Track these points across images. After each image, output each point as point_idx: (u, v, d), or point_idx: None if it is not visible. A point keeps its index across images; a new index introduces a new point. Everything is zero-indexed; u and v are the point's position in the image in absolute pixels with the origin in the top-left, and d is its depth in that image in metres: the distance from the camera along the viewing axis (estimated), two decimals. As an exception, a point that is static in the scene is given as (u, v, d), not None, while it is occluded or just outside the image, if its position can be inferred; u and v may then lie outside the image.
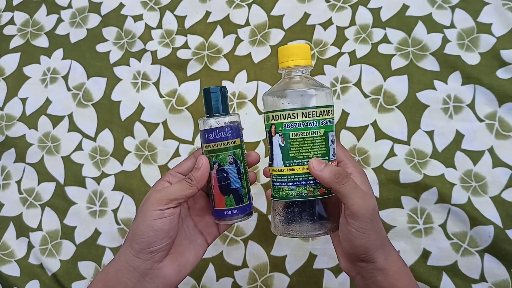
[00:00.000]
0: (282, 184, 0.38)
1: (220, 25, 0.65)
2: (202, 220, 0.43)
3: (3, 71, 0.68)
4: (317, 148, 0.37)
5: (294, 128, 0.37)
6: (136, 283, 0.37)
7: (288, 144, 0.37)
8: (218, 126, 0.39)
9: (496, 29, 0.58)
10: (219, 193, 0.40)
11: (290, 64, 0.39)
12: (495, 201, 0.54)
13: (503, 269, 0.52)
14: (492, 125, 0.56)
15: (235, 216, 0.40)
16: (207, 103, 0.40)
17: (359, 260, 0.37)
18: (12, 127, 0.66)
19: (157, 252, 0.37)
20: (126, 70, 0.65)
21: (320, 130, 0.37)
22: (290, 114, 0.37)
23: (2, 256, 0.62)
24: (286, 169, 0.38)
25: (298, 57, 0.39)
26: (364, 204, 0.35)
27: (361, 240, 0.35)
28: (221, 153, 0.39)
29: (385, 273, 0.37)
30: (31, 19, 0.70)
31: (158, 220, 0.37)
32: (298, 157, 0.37)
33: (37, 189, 0.64)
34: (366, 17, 0.61)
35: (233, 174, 0.39)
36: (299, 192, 0.38)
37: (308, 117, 0.37)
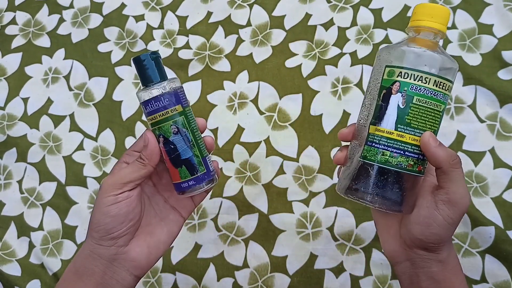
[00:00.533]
0: (384, 147, 0.34)
1: (221, 25, 0.65)
2: (172, 195, 0.40)
3: (5, 71, 0.68)
4: (433, 123, 0.34)
5: (422, 93, 0.33)
6: (105, 269, 0.36)
7: (408, 108, 0.34)
8: (153, 96, 0.36)
9: (498, 30, 0.58)
10: (171, 166, 0.37)
11: (432, 25, 0.35)
12: (496, 202, 0.54)
13: (504, 270, 0.52)
14: (493, 126, 0.56)
15: (193, 187, 0.38)
16: (139, 73, 0.37)
17: (422, 248, 0.35)
18: (13, 126, 0.66)
19: (118, 237, 0.36)
20: (128, 70, 0.66)
21: (442, 105, 0.34)
22: (423, 77, 0.33)
23: (3, 255, 0.62)
24: (396, 133, 0.34)
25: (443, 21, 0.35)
26: (467, 197, 0.33)
27: (441, 230, 0.34)
28: (163, 124, 0.36)
29: (444, 266, 0.35)
30: (33, 19, 0.70)
31: (113, 206, 0.35)
32: (413, 125, 0.34)
33: (38, 188, 0.64)
34: (367, 18, 0.61)
35: (181, 144, 0.37)
36: (400, 162, 0.34)
37: (439, 88, 0.34)
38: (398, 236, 0.37)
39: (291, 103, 0.61)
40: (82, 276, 0.36)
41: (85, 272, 0.36)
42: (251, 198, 0.59)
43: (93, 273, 0.36)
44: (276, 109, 0.61)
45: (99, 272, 0.36)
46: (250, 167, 0.60)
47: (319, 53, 0.62)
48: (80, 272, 0.37)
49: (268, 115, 0.61)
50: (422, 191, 0.36)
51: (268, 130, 0.60)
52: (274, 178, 0.59)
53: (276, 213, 0.58)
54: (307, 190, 0.58)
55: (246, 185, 0.59)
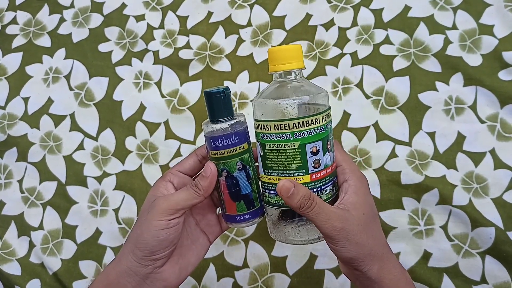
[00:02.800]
0: (264, 190, 0.38)
1: (222, 25, 0.65)
2: (204, 218, 0.42)
3: (6, 71, 0.68)
4: (291, 161, 0.36)
5: (269, 139, 0.36)
6: (136, 286, 0.37)
7: (266, 154, 0.37)
8: (224, 134, 0.37)
9: (498, 31, 0.57)
10: (229, 199, 0.38)
11: (279, 68, 0.37)
12: (497, 203, 0.54)
13: (504, 270, 0.52)
14: (494, 127, 0.55)
15: (247, 221, 0.39)
16: (209, 106, 0.37)
17: (354, 269, 0.37)
18: (14, 126, 0.66)
19: (159, 259, 0.37)
20: (128, 70, 0.66)
21: (294, 142, 0.36)
22: (265, 125, 0.36)
23: (3, 255, 0.62)
24: (266, 177, 0.38)
25: (289, 60, 0.37)
26: (330, 225, 0.35)
27: (341, 253, 0.36)
28: (229, 160, 0.37)
29: (380, 282, 0.36)
30: (33, 18, 0.70)
31: (164, 231, 0.36)
32: (274, 167, 0.37)
33: (39, 188, 0.64)
34: (368, 18, 0.61)
35: (243, 180, 0.38)
36: (277, 201, 0.37)
37: (280, 130, 0.36)
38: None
39: (292, 103, 0.61)
40: None
41: (117, 286, 0.37)
42: (251, 198, 0.59)
43: None
44: (276, 109, 0.61)
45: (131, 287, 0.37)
46: (250, 167, 0.60)
47: (319, 54, 0.62)
48: (112, 286, 0.37)
49: (269, 115, 0.61)
50: None
51: (268, 130, 0.60)
52: (274, 178, 0.59)
53: (276, 213, 0.58)
54: (307, 190, 0.58)
55: (246, 185, 0.59)
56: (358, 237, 0.36)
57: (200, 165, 0.41)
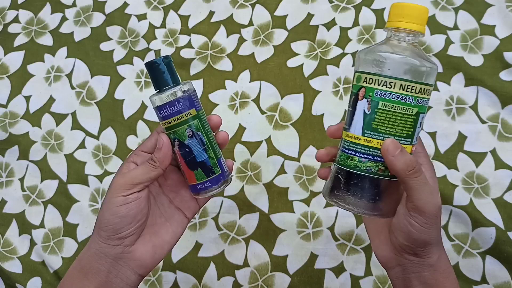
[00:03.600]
0: (353, 153, 0.34)
1: (223, 25, 0.65)
2: (178, 195, 0.41)
3: (7, 69, 0.68)
4: (404, 127, 0.34)
5: (387, 98, 0.33)
6: (110, 268, 0.37)
7: (374, 114, 0.33)
8: (168, 101, 0.36)
9: (500, 31, 0.58)
10: (187, 168, 0.38)
11: (400, 25, 0.34)
12: (497, 203, 0.54)
13: (505, 271, 0.52)
14: (495, 127, 0.56)
15: (209, 189, 0.38)
16: (152, 77, 0.37)
17: (412, 254, 0.35)
18: (15, 124, 0.66)
19: (125, 237, 0.36)
20: (130, 69, 0.66)
21: (413, 108, 0.33)
22: (387, 82, 0.33)
23: (5, 253, 0.62)
24: (363, 139, 0.34)
25: (413, 20, 0.34)
26: (432, 200, 0.33)
27: (422, 235, 0.34)
28: (178, 128, 0.37)
29: (435, 270, 0.35)
30: (35, 17, 0.70)
31: (123, 207, 0.36)
32: (380, 130, 0.33)
33: (40, 186, 0.64)
34: (369, 18, 0.61)
35: (196, 147, 0.37)
36: (369, 167, 0.34)
37: (405, 91, 0.33)
38: (388, 242, 0.37)
39: (293, 103, 0.61)
40: (87, 274, 0.37)
41: (90, 270, 0.37)
42: (252, 198, 0.59)
43: (98, 271, 0.37)
44: (277, 108, 0.61)
45: (104, 270, 0.37)
46: (251, 167, 0.60)
47: (320, 53, 0.62)
48: (85, 270, 0.37)
49: (270, 114, 0.61)
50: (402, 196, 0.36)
51: (269, 130, 0.60)
52: (275, 177, 0.59)
53: (277, 212, 0.58)
54: (308, 189, 0.58)
55: (247, 184, 0.59)
56: (439, 221, 0.35)
57: None
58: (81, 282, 0.37)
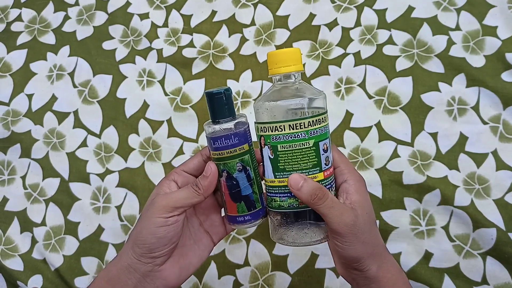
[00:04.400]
0: (274, 195, 0.38)
1: (225, 24, 0.65)
2: (208, 219, 0.42)
3: (10, 67, 0.69)
4: (307, 160, 0.36)
5: (282, 140, 0.36)
6: (137, 283, 0.37)
7: (278, 157, 0.36)
8: (224, 134, 0.37)
9: (502, 32, 0.57)
10: (230, 200, 0.39)
11: (279, 71, 0.37)
12: (498, 204, 0.54)
13: (506, 272, 0.52)
14: (496, 128, 0.55)
15: (248, 222, 0.39)
16: (210, 107, 0.38)
17: (352, 268, 0.37)
18: (18, 122, 0.66)
19: (158, 257, 0.37)
20: (132, 68, 0.66)
21: (309, 141, 0.36)
22: (277, 126, 0.36)
23: (6, 250, 0.63)
24: (277, 180, 0.37)
25: (288, 63, 0.37)
26: (342, 221, 0.35)
27: (347, 252, 0.36)
28: (229, 161, 0.37)
29: (378, 281, 0.37)
30: (38, 16, 0.71)
31: (162, 228, 0.36)
32: (287, 169, 0.36)
33: (42, 184, 0.64)
34: (371, 18, 0.61)
35: (243, 182, 0.38)
36: (291, 203, 0.37)
37: (296, 129, 0.36)
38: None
39: (294, 103, 0.61)
40: (115, 286, 0.38)
41: (118, 283, 0.38)
42: (253, 197, 0.59)
43: (125, 285, 0.37)
44: (279, 108, 0.61)
45: (131, 285, 0.37)
46: (252, 166, 0.60)
47: (322, 53, 0.62)
48: (113, 282, 0.38)
49: (271, 114, 0.61)
50: None
51: (270, 129, 0.60)
52: (276, 177, 0.59)
53: (277, 212, 0.58)
54: (309, 189, 0.58)
55: (248, 183, 0.59)
56: (364, 236, 0.36)
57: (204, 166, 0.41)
58: None
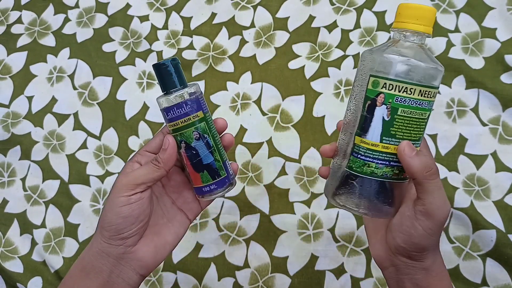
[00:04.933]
0: (370, 159, 0.34)
1: (225, 26, 0.65)
2: (180, 196, 0.41)
3: (10, 69, 0.69)
4: (418, 130, 0.34)
5: (407, 104, 0.33)
6: (112, 268, 0.37)
7: (394, 120, 0.33)
8: (175, 103, 0.36)
9: (501, 34, 0.58)
10: (192, 170, 0.38)
11: (411, 27, 0.33)
12: (498, 206, 0.54)
13: (505, 273, 0.52)
14: (496, 130, 0.56)
15: (214, 191, 0.38)
16: (159, 79, 0.37)
17: (405, 256, 0.35)
18: (18, 124, 0.66)
19: (128, 238, 0.36)
20: (132, 70, 0.66)
21: (427, 112, 0.34)
22: (409, 88, 0.32)
23: (6, 252, 0.63)
24: (381, 145, 0.33)
25: (422, 22, 0.33)
26: (444, 207, 0.33)
27: (423, 240, 0.34)
28: (185, 130, 0.37)
29: (428, 273, 0.35)
30: (38, 18, 0.71)
31: (125, 207, 0.35)
32: (398, 136, 0.33)
33: (42, 186, 0.64)
34: (370, 20, 0.62)
35: (203, 150, 0.37)
36: (385, 173, 0.34)
37: (424, 97, 0.33)
38: (384, 241, 0.37)
39: (294, 105, 0.61)
40: (89, 273, 0.37)
41: (92, 270, 0.37)
42: (253, 199, 0.59)
43: (100, 271, 0.37)
44: (278, 110, 0.61)
45: (106, 270, 0.37)
46: (252, 168, 0.60)
47: (322, 55, 0.62)
48: (87, 269, 0.37)
49: (271, 116, 0.61)
50: (407, 197, 0.36)
51: (270, 131, 0.61)
52: (276, 179, 0.59)
53: (277, 213, 0.58)
54: (309, 191, 0.58)
55: (248, 185, 0.59)
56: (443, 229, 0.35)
57: None
58: (83, 281, 0.37)
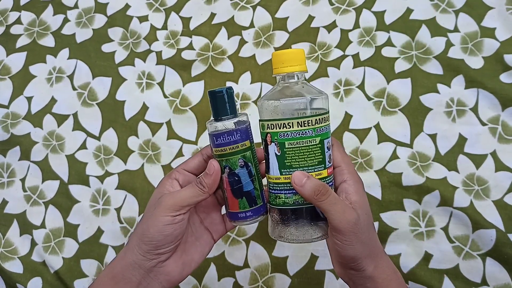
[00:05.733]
0: (278, 192, 0.38)
1: (224, 26, 0.65)
2: (208, 216, 0.43)
3: (10, 70, 0.69)
4: (313, 157, 0.37)
5: (290, 137, 0.37)
6: (141, 279, 0.38)
7: (285, 153, 0.37)
8: (226, 130, 0.38)
9: (500, 34, 0.58)
10: (231, 196, 0.39)
11: (284, 70, 0.38)
12: (498, 205, 0.54)
13: (505, 273, 0.52)
14: (495, 129, 0.56)
15: (249, 218, 0.39)
16: (213, 105, 0.39)
17: (349, 268, 0.38)
18: (17, 125, 0.66)
19: (163, 254, 0.38)
20: (131, 70, 0.66)
21: (316, 138, 0.37)
22: (286, 123, 0.37)
23: (6, 253, 0.62)
24: (283, 177, 0.38)
25: (292, 63, 0.38)
26: (344, 219, 0.35)
27: (346, 251, 0.36)
28: (231, 157, 0.38)
29: (374, 281, 0.37)
30: (37, 18, 0.71)
31: (169, 226, 0.37)
32: (294, 165, 0.37)
33: (41, 187, 0.64)
34: (370, 20, 0.62)
35: (245, 177, 0.39)
36: (296, 200, 0.37)
37: (304, 126, 0.37)
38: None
39: (293, 105, 0.61)
40: (119, 282, 0.38)
41: (122, 279, 0.38)
42: (253, 199, 0.59)
43: (129, 281, 0.38)
44: (278, 110, 0.61)
45: (136, 281, 0.38)
46: (252, 168, 0.60)
47: (321, 55, 0.62)
48: (117, 279, 0.38)
49: (270, 116, 0.61)
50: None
51: (270, 131, 0.61)
52: (276, 179, 0.59)
53: (277, 213, 0.58)
54: (308, 191, 0.58)
55: (248, 185, 0.59)
56: (363, 236, 0.36)
57: (205, 164, 0.42)
58: None
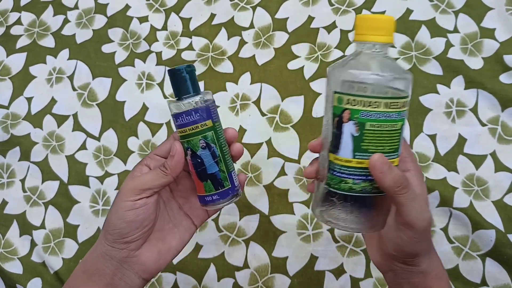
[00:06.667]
0: (346, 176, 0.33)
1: (224, 27, 0.65)
2: (187, 202, 0.41)
3: (10, 71, 0.69)
4: (391, 143, 0.33)
5: (374, 118, 0.32)
6: (115, 271, 0.37)
7: (363, 135, 0.32)
8: (185, 110, 0.36)
9: (500, 34, 0.58)
10: (197, 179, 0.38)
11: (375, 39, 0.33)
12: (497, 206, 0.54)
13: (505, 273, 0.52)
14: (495, 130, 0.56)
15: (216, 202, 0.38)
16: (173, 84, 0.37)
17: (401, 262, 0.36)
18: (17, 125, 0.66)
19: (131, 242, 0.37)
20: (131, 71, 0.66)
21: (398, 123, 0.33)
22: (373, 102, 0.32)
23: (5, 253, 0.62)
24: (355, 161, 0.33)
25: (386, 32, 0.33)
26: (421, 216, 0.33)
27: (411, 247, 0.34)
28: (192, 138, 0.36)
29: (424, 276, 0.36)
30: (38, 19, 0.71)
31: (130, 212, 0.36)
32: (370, 150, 0.33)
33: (41, 187, 0.64)
34: (369, 21, 0.62)
35: (208, 159, 0.37)
36: (364, 187, 0.33)
37: (390, 108, 0.32)
38: (379, 248, 0.38)
39: (293, 105, 0.61)
40: (92, 275, 0.37)
41: (95, 272, 0.37)
42: (252, 199, 0.59)
43: (103, 274, 0.37)
44: (278, 110, 0.61)
45: (109, 273, 0.37)
46: (252, 168, 0.60)
47: (321, 56, 0.62)
48: (90, 272, 0.37)
49: (270, 116, 0.61)
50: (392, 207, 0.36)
51: (270, 132, 0.61)
52: (276, 179, 0.59)
53: (277, 214, 0.58)
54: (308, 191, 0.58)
55: (248, 186, 0.59)
56: (429, 234, 0.35)
57: None
58: (86, 284, 0.37)
